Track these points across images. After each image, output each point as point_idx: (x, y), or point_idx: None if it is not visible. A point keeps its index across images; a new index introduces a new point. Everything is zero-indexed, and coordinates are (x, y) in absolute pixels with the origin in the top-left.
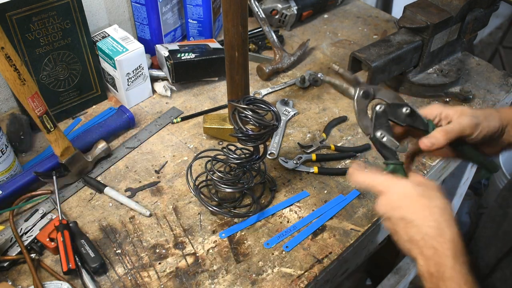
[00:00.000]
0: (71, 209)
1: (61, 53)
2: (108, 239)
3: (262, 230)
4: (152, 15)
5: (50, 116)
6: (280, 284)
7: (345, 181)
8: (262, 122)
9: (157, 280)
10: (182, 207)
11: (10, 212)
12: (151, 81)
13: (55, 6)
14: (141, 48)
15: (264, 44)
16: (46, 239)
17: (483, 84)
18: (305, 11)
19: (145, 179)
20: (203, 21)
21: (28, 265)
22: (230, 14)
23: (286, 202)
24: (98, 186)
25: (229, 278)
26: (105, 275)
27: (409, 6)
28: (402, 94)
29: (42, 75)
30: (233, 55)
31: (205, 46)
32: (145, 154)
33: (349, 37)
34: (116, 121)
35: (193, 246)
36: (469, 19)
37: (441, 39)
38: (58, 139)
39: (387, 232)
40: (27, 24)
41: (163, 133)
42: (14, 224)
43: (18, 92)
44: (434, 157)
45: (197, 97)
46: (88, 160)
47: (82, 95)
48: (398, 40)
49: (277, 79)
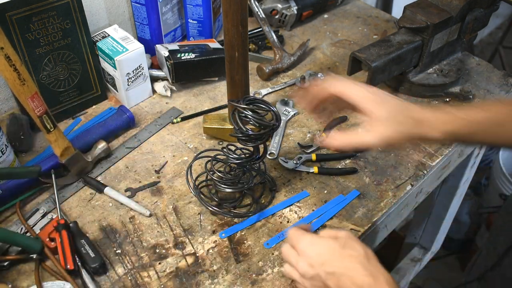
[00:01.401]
0: (71, 209)
1: (61, 53)
2: (108, 239)
3: (262, 230)
4: (152, 15)
5: (50, 116)
6: (280, 284)
7: (345, 181)
8: (262, 122)
9: (157, 280)
10: (182, 207)
11: (17, 204)
12: (151, 81)
13: (55, 6)
14: (141, 48)
15: (264, 44)
16: (46, 239)
17: (483, 84)
18: (305, 11)
19: (145, 179)
20: (203, 21)
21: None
22: (230, 14)
23: (286, 202)
24: (98, 186)
25: (229, 278)
26: (105, 275)
27: (409, 6)
28: (402, 94)
29: (42, 75)
30: (233, 55)
31: (205, 46)
32: (145, 154)
33: (349, 37)
34: (116, 121)
35: (193, 246)
36: (469, 19)
37: (441, 39)
38: (58, 139)
39: (387, 232)
40: (27, 24)
41: (163, 133)
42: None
43: (18, 92)
44: (434, 157)
45: (197, 97)
46: (88, 160)
47: (82, 95)
48: (398, 40)
49: (277, 79)
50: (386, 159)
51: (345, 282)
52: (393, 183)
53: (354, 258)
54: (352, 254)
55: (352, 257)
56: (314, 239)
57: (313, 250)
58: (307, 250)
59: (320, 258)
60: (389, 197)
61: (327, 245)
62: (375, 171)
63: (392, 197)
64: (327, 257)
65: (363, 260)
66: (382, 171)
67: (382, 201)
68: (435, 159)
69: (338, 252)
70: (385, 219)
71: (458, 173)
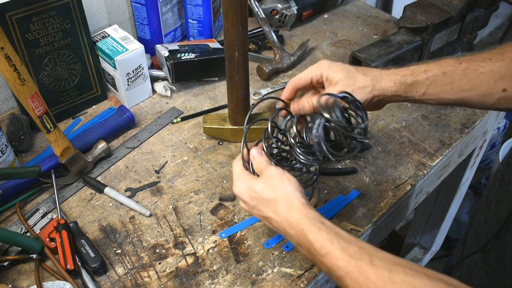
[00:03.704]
0: (71, 209)
1: (61, 53)
2: (108, 239)
3: (262, 230)
4: (152, 15)
5: (50, 116)
6: (280, 284)
7: (345, 181)
8: (352, 135)
9: (157, 280)
10: (182, 207)
11: (17, 204)
12: (151, 81)
13: (55, 6)
14: (141, 48)
15: (264, 44)
16: (47, 239)
17: None
18: (305, 11)
19: (145, 179)
20: (203, 21)
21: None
22: (230, 14)
23: None
24: (98, 186)
25: (229, 278)
26: (105, 275)
27: (409, 6)
28: None
29: (42, 75)
30: (233, 55)
31: (205, 46)
32: (145, 154)
33: (349, 37)
34: (116, 121)
35: (193, 246)
36: (469, 19)
37: (441, 39)
38: (58, 139)
39: (387, 232)
40: (27, 24)
41: (163, 133)
42: (23, 216)
43: (18, 92)
44: (434, 157)
45: (197, 97)
46: (88, 160)
47: (82, 95)
48: (398, 40)
49: (277, 79)
50: (386, 159)
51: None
52: (393, 183)
53: (267, 218)
54: (264, 213)
55: (266, 217)
56: (248, 181)
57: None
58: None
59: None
60: (389, 197)
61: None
62: (375, 171)
63: (392, 197)
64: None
65: (272, 214)
66: (382, 171)
67: (382, 201)
68: (435, 159)
69: (256, 208)
70: (385, 219)
71: (458, 173)
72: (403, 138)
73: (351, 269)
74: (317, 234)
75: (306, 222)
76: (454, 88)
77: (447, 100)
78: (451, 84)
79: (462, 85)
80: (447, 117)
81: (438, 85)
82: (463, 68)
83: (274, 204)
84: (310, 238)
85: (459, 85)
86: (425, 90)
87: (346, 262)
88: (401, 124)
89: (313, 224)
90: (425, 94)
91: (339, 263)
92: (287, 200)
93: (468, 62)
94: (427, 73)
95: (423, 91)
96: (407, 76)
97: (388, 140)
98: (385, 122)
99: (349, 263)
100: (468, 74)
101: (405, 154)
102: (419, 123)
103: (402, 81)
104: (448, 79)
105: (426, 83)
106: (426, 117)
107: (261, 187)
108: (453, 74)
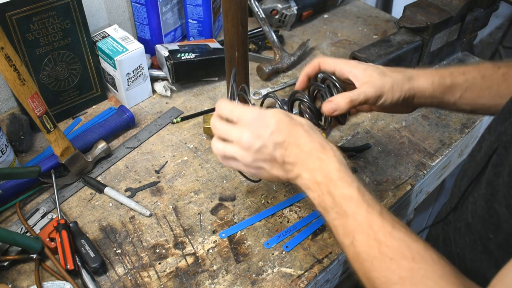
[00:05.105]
0: (71, 209)
1: (61, 53)
2: (108, 239)
3: (262, 230)
4: (152, 15)
5: (50, 116)
6: (280, 284)
7: None
8: None
9: (157, 280)
10: (182, 207)
11: (17, 204)
12: (151, 81)
13: (55, 6)
14: (141, 48)
15: (264, 44)
16: (47, 239)
17: None
18: (305, 11)
19: (145, 179)
20: (203, 21)
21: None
22: (230, 14)
23: (286, 202)
24: (98, 186)
25: (229, 278)
26: (105, 275)
27: (409, 6)
28: None
29: (42, 75)
30: (233, 55)
31: (205, 46)
32: (145, 154)
33: (349, 37)
34: (116, 121)
35: (193, 246)
36: (469, 19)
37: (441, 39)
38: (58, 139)
39: None
40: (27, 24)
41: (163, 133)
42: (23, 216)
43: (18, 92)
44: (434, 157)
45: (197, 97)
46: (88, 160)
47: (82, 95)
48: (398, 40)
49: (277, 79)
50: (386, 159)
51: (292, 151)
52: (393, 183)
53: (300, 126)
54: (298, 123)
55: (299, 126)
56: (259, 110)
57: (260, 121)
58: (254, 122)
59: (269, 128)
60: (389, 197)
61: (274, 115)
62: (375, 171)
63: (392, 197)
64: (275, 127)
65: (309, 129)
66: (382, 171)
67: (382, 201)
68: (435, 159)
69: (285, 121)
70: None
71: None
72: (403, 138)
73: (360, 210)
74: (342, 170)
75: (334, 148)
76: (492, 92)
77: (482, 106)
78: (490, 88)
79: (501, 90)
80: (447, 117)
81: (476, 89)
82: (502, 73)
83: (304, 127)
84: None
85: (498, 90)
86: (462, 93)
87: (358, 203)
88: (401, 124)
89: (340, 160)
90: (462, 98)
91: (350, 202)
92: (313, 127)
93: (507, 67)
94: (466, 75)
95: (460, 94)
96: (445, 77)
97: (388, 140)
98: (385, 122)
99: (360, 205)
100: (508, 79)
101: (405, 154)
102: (419, 123)
103: (440, 82)
104: (486, 82)
105: (464, 85)
106: (426, 117)
107: (282, 113)
108: (492, 78)
